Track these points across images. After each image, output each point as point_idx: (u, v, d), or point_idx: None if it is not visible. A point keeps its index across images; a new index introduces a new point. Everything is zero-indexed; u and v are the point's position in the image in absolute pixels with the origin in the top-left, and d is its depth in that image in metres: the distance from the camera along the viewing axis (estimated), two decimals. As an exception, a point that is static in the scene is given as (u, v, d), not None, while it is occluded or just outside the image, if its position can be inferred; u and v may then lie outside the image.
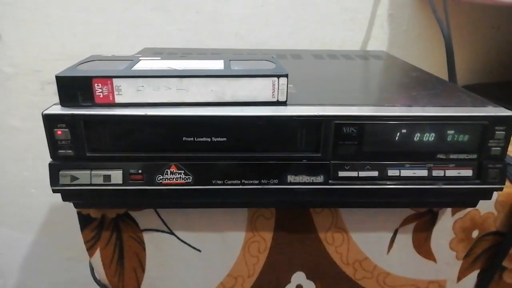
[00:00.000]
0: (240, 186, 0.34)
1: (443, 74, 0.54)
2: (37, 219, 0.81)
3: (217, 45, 0.70)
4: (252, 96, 0.33)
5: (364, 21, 0.71)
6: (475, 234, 0.43)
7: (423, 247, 0.44)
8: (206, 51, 0.62)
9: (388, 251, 0.44)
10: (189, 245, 0.43)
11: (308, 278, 0.45)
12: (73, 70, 0.33)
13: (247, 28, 0.70)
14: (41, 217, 0.80)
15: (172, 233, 0.42)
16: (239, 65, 0.36)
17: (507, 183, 0.41)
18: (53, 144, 0.32)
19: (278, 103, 0.33)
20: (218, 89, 0.33)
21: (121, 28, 0.69)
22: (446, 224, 0.43)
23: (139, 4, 0.68)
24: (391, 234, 0.43)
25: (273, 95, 0.33)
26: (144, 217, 0.41)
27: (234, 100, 0.33)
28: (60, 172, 0.33)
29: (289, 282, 0.45)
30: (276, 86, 0.33)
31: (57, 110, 0.32)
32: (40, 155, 0.32)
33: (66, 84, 0.32)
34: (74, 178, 0.33)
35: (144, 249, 0.42)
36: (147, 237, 0.42)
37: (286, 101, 0.34)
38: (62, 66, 0.75)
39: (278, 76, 0.33)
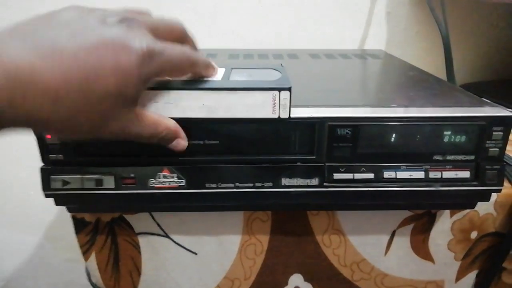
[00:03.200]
0: (234, 190, 0.33)
1: (442, 73, 0.54)
2: (36, 221, 0.81)
3: (215, 44, 0.69)
4: (249, 112, 0.30)
5: (362, 19, 0.70)
6: (474, 235, 0.43)
7: (421, 248, 0.43)
8: (203, 50, 0.61)
9: (386, 252, 0.43)
10: (185, 248, 0.42)
11: (305, 280, 0.45)
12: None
13: (244, 27, 0.70)
14: (40, 218, 0.80)
15: (167, 236, 0.42)
16: (241, 74, 0.32)
17: (506, 183, 0.41)
18: (44, 148, 0.32)
19: (279, 120, 0.30)
20: (211, 104, 0.29)
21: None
22: (444, 226, 0.42)
23: (135, 3, 0.67)
24: (388, 236, 0.43)
25: (273, 111, 0.30)
26: (139, 221, 0.41)
27: (229, 116, 0.30)
28: (51, 177, 0.32)
29: (287, 284, 0.45)
30: (276, 101, 0.30)
31: (48, 114, 0.31)
32: (38, 157, 0.31)
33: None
34: (65, 182, 0.32)
35: (140, 252, 0.42)
36: (142, 240, 0.42)
37: (289, 117, 0.30)
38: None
39: (280, 90, 0.29)
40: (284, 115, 0.30)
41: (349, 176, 0.34)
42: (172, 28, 0.28)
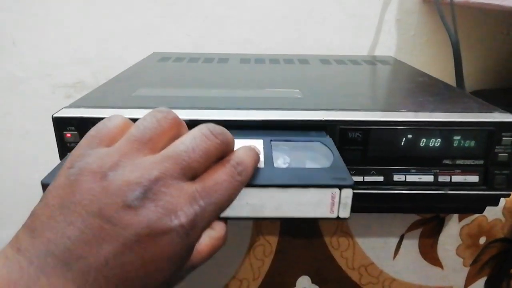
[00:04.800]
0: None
1: (451, 80, 0.54)
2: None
3: (226, 50, 0.71)
4: (301, 211, 0.25)
5: (371, 26, 0.71)
6: (482, 240, 0.43)
7: (429, 253, 0.43)
8: (214, 55, 0.62)
9: (394, 256, 0.44)
10: (195, 248, 0.43)
11: (313, 282, 0.45)
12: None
13: (255, 33, 0.71)
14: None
15: (178, 235, 0.42)
16: (283, 153, 0.28)
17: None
18: (62, 146, 0.33)
19: (337, 219, 0.25)
20: (256, 202, 0.24)
21: (131, 33, 0.70)
22: (453, 230, 0.42)
23: (149, 10, 0.69)
24: (397, 240, 0.43)
25: (331, 210, 0.25)
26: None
27: (277, 216, 0.25)
28: (69, 174, 0.33)
29: (294, 286, 0.45)
30: (336, 200, 0.24)
31: (67, 113, 0.32)
32: (51, 158, 0.32)
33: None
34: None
35: (151, 251, 0.43)
36: (153, 239, 0.42)
37: (349, 217, 0.25)
38: (72, 71, 0.76)
39: (341, 187, 0.24)
40: (344, 214, 0.25)
41: (359, 178, 0.34)
42: (209, 150, 0.22)
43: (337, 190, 0.24)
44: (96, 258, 0.19)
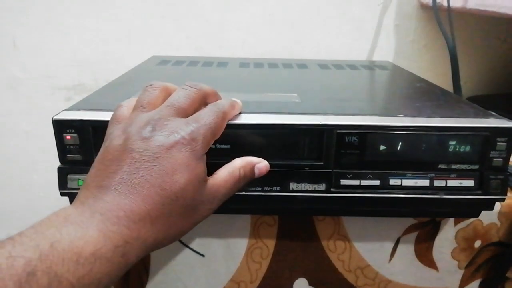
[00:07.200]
0: (243, 193, 0.34)
1: (448, 85, 0.55)
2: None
3: (225, 53, 0.71)
4: None
5: (370, 31, 0.71)
6: (477, 244, 0.43)
7: (425, 256, 0.44)
8: (214, 59, 0.63)
9: (390, 259, 0.44)
10: (192, 249, 0.43)
11: (310, 284, 0.45)
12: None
13: (254, 37, 0.71)
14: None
15: (176, 237, 0.43)
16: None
17: (510, 194, 0.41)
18: (62, 148, 0.33)
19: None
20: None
21: (131, 36, 0.70)
22: (448, 234, 0.43)
23: (149, 12, 0.69)
24: (393, 243, 0.43)
25: None
26: (149, 222, 0.42)
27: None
28: (68, 176, 0.34)
29: (291, 288, 0.45)
30: None
31: (67, 115, 0.33)
32: (50, 159, 0.33)
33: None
34: (82, 182, 0.34)
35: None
36: (152, 241, 0.42)
37: None
38: (72, 72, 0.76)
39: None
40: None
41: (355, 182, 0.35)
42: (191, 96, 0.30)
43: None
44: (131, 174, 0.26)
